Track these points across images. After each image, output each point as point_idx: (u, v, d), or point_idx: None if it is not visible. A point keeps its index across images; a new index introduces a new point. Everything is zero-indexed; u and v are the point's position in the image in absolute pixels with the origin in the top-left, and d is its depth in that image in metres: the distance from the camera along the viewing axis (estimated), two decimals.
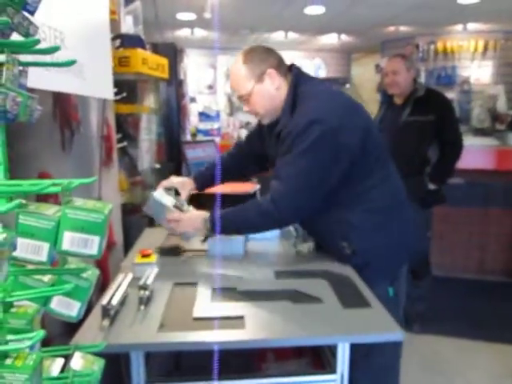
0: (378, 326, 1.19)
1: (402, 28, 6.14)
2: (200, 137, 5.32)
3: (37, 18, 0.71)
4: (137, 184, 2.67)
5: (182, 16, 5.52)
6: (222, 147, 3.94)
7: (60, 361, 0.81)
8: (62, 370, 0.80)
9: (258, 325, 1.18)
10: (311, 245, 1.75)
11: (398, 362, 1.78)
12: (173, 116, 3.56)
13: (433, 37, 6.28)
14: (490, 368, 2.54)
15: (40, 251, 0.66)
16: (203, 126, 5.72)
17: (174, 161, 3.43)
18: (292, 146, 1.49)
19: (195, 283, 1.44)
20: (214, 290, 1.39)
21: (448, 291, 3.40)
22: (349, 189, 1.56)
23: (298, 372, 1.41)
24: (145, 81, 2.72)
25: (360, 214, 1.57)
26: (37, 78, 1.14)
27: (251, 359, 1.61)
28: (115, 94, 2.09)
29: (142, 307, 1.25)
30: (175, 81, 3.56)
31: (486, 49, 6.05)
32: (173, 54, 3.48)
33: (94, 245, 0.68)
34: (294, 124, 1.50)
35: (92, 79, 1.70)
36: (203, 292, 1.37)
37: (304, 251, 1.74)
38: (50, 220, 0.66)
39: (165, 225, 1.70)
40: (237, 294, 1.37)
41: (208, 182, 1.85)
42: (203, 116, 5.77)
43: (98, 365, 0.83)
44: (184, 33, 6.58)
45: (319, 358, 1.47)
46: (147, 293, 1.27)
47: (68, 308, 0.78)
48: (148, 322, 1.18)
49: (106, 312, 1.16)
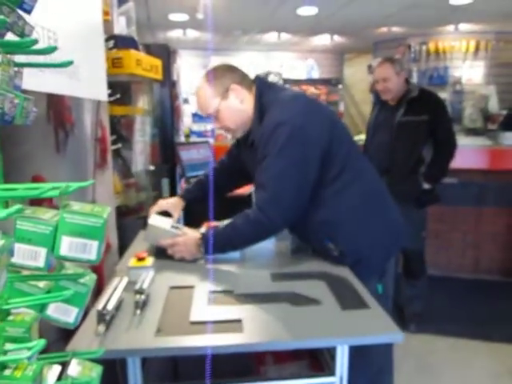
0: (376, 327, 1.18)
1: (394, 28, 6.18)
2: (193, 138, 5.30)
3: (29, 18, 0.69)
4: (131, 186, 2.65)
5: (174, 17, 5.50)
6: (216, 149, 3.92)
7: (57, 368, 0.79)
8: (59, 377, 0.78)
9: (257, 328, 1.17)
10: (288, 244, 1.76)
11: (392, 362, 1.78)
12: (166, 117, 3.53)
13: (425, 37, 6.32)
14: (487, 366, 2.54)
15: (37, 257, 0.64)
16: (197, 127, 5.71)
17: (168, 162, 3.41)
18: (265, 152, 1.54)
19: (192, 286, 1.42)
20: (210, 293, 1.38)
21: (444, 291, 3.41)
22: (328, 187, 1.57)
23: (297, 375, 1.40)
24: (138, 82, 2.70)
25: (343, 213, 1.58)
26: (30, 80, 1.12)
27: (249, 362, 1.59)
28: (109, 95, 2.07)
29: (138, 312, 1.23)
30: (168, 82, 3.54)
31: (477, 49, 6.10)
32: (166, 55, 3.46)
33: (92, 249, 0.66)
34: (262, 131, 1.56)
35: (86, 80, 1.68)
36: (200, 295, 1.36)
37: (282, 251, 1.76)
38: (47, 225, 0.64)
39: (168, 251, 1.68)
40: (234, 297, 1.35)
41: (196, 197, 1.88)
42: (196, 117, 5.76)
43: (96, 371, 0.82)
44: (176, 34, 6.57)
45: (317, 360, 1.46)
46: (143, 297, 1.26)
47: (65, 314, 0.76)
48: (144, 326, 1.17)
49: (102, 317, 1.14)
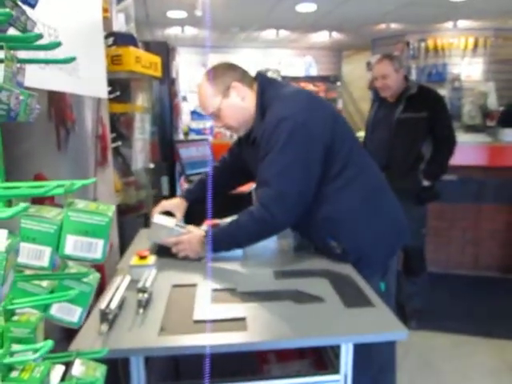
0: (381, 325, 1.18)
1: (393, 25, 6.16)
2: (192, 136, 5.29)
3: (31, 13, 0.68)
4: (130, 184, 2.63)
5: (172, 14, 5.48)
6: (215, 146, 3.91)
7: (60, 368, 0.78)
8: (63, 377, 0.77)
9: (261, 326, 1.16)
10: (290, 241, 1.75)
11: (395, 360, 1.78)
12: (166, 115, 3.52)
13: (423, 34, 6.30)
14: (488, 363, 2.54)
15: (41, 256, 0.63)
16: (195, 124, 5.69)
17: (167, 160, 3.40)
18: (267, 148, 1.52)
19: (194, 285, 1.41)
20: (213, 291, 1.37)
21: (444, 287, 3.42)
22: (330, 184, 1.56)
23: (300, 373, 1.40)
24: (138, 79, 2.68)
25: (345, 210, 1.57)
26: (31, 76, 1.11)
27: (253, 360, 1.59)
28: (109, 92, 2.05)
29: (141, 310, 1.22)
30: (168, 79, 3.53)
31: (476, 46, 6.09)
32: (165, 52, 3.44)
33: (98, 248, 0.65)
34: (265, 127, 1.55)
35: (86, 78, 1.67)
36: (203, 293, 1.35)
37: (285, 248, 1.75)
38: (52, 223, 0.63)
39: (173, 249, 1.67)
40: (237, 295, 1.35)
41: (198, 197, 1.85)
42: (195, 115, 5.74)
43: (101, 371, 0.81)
44: (174, 31, 6.55)
45: (321, 359, 1.45)
46: (146, 296, 1.25)
47: (69, 314, 0.75)
48: (148, 325, 1.16)
49: (105, 316, 1.13)
